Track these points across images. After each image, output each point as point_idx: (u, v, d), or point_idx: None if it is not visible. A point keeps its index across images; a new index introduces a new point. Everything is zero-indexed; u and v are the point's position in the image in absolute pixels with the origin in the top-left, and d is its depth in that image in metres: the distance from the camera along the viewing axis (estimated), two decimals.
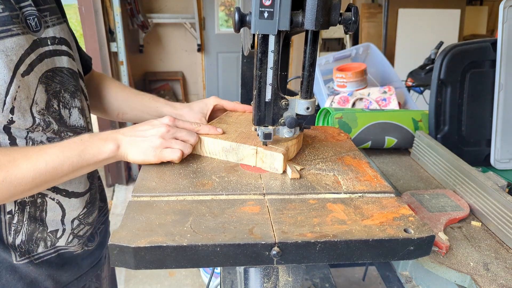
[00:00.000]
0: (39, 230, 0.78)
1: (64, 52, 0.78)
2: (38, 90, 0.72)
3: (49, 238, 0.81)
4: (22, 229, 0.76)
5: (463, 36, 3.62)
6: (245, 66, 0.89)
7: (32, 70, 0.70)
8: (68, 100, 0.79)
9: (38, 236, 0.79)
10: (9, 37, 0.66)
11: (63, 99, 0.78)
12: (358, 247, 0.54)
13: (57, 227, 0.81)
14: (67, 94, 0.79)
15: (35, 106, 0.71)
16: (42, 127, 0.73)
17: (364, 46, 1.99)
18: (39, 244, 0.79)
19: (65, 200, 0.81)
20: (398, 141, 1.20)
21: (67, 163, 0.67)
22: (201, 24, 4.26)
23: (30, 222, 0.77)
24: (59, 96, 0.77)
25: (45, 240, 0.80)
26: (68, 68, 0.79)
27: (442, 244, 0.73)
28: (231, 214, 0.59)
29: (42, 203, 0.77)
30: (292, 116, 0.67)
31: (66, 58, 0.79)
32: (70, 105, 0.80)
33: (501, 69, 1.09)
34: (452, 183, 0.96)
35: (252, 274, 0.69)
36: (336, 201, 0.64)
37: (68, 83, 0.79)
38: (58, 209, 0.80)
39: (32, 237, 0.78)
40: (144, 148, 0.70)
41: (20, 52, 0.68)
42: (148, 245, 0.51)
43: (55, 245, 0.82)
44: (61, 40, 0.78)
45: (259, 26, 0.59)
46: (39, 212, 0.78)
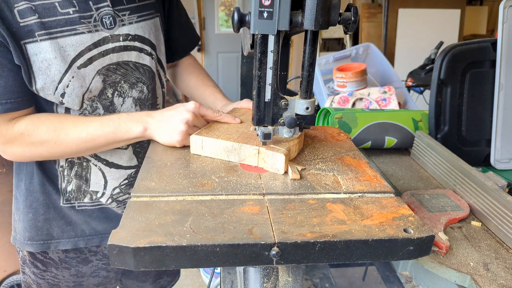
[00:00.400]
0: (83, 186, 0.94)
1: (135, 48, 0.89)
2: (94, 80, 0.84)
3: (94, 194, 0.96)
4: (72, 181, 0.93)
5: (463, 36, 3.61)
6: (245, 66, 0.89)
7: (90, 63, 0.82)
8: (125, 90, 0.90)
9: (85, 189, 0.95)
10: (72, 36, 0.78)
11: (120, 88, 0.89)
12: (358, 247, 0.54)
13: (98, 189, 0.96)
14: (126, 85, 0.90)
15: (88, 94, 0.84)
16: (88, 111, 0.86)
17: (364, 46, 1.99)
18: (86, 195, 0.95)
19: (106, 168, 0.94)
20: (398, 141, 1.20)
21: (102, 137, 0.81)
22: (201, 24, 4.26)
23: (76, 179, 0.93)
24: (117, 86, 0.88)
25: (91, 195, 0.96)
26: (135, 62, 0.90)
27: (442, 244, 0.73)
28: (231, 214, 0.59)
29: (87, 166, 0.93)
30: (292, 116, 0.67)
31: (135, 53, 0.89)
32: (125, 94, 0.90)
33: (501, 69, 1.09)
34: (452, 183, 0.96)
35: (252, 274, 0.69)
36: (335, 201, 0.64)
37: (130, 75, 0.90)
38: (100, 175, 0.94)
39: (80, 189, 0.95)
40: (169, 132, 0.78)
41: (80, 48, 0.80)
42: (148, 245, 0.51)
43: (99, 200, 0.97)
44: (135, 37, 0.88)
45: (259, 26, 0.59)
46: (84, 173, 0.93)
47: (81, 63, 0.80)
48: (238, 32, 0.63)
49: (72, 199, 0.95)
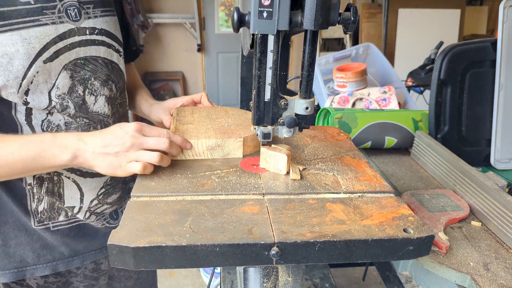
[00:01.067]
0: (57, 202, 0.85)
1: (103, 43, 0.84)
2: (61, 76, 0.77)
3: (69, 210, 0.87)
4: (44, 199, 0.84)
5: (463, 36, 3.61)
6: (245, 66, 0.89)
7: (57, 57, 0.75)
8: (97, 88, 0.83)
9: (58, 206, 0.86)
10: (35, 27, 0.72)
11: (91, 86, 0.82)
12: (358, 247, 0.54)
13: (74, 204, 0.87)
14: (97, 82, 0.83)
15: (55, 90, 0.77)
16: (58, 109, 0.78)
17: (364, 46, 1.99)
18: (61, 213, 0.86)
19: (81, 179, 0.86)
20: (398, 141, 1.20)
21: (20, 163, 0.69)
22: (201, 24, 4.26)
23: (48, 196, 0.84)
24: (87, 83, 0.81)
25: (65, 211, 0.87)
26: (104, 57, 0.84)
27: (442, 244, 0.73)
28: (230, 214, 0.59)
29: (59, 180, 0.84)
30: (291, 116, 0.67)
31: (104, 49, 0.84)
32: (98, 92, 0.84)
33: (501, 69, 1.09)
34: (452, 183, 0.96)
35: (252, 274, 0.69)
36: (335, 201, 0.64)
37: (101, 72, 0.84)
38: (75, 188, 0.86)
39: (53, 207, 0.85)
40: (109, 163, 0.68)
41: (45, 40, 0.73)
42: (148, 245, 0.51)
43: (75, 216, 0.88)
44: (101, 31, 0.83)
45: (258, 26, 0.58)
46: (56, 188, 0.84)
47: (47, 57, 0.74)
48: (238, 32, 0.63)
49: (45, 220, 0.86)
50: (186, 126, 0.81)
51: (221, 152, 0.76)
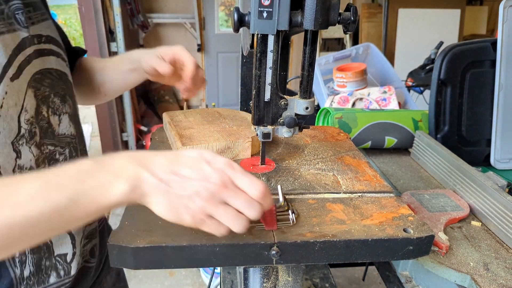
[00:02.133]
0: (45, 257, 0.67)
1: (52, 52, 0.70)
2: (27, 95, 0.61)
3: (60, 264, 0.70)
4: (27, 260, 0.65)
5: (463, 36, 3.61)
6: (245, 66, 0.89)
7: (21, 73, 0.60)
8: (58, 105, 0.69)
9: (47, 264, 0.67)
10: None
11: (52, 104, 0.67)
12: (358, 247, 0.54)
13: (67, 251, 0.70)
14: (56, 99, 0.69)
15: (24, 114, 0.60)
16: (26, 139, 0.61)
17: (364, 46, 2.00)
18: (50, 274, 0.68)
19: None
20: (398, 141, 1.20)
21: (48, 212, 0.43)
22: (201, 24, 4.26)
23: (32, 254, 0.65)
24: (48, 101, 0.67)
25: (56, 269, 0.69)
26: (56, 69, 0.70)
27: (442, 244, 0.73)
28: None
29: None
30: (291, 116, 0.67)
31: (54, 58, 0.70)
32: (60, 110, 0.69)
33: (501, 69, 1.09)
34: (452, 183, 0.96)
35: (252, 274, 0.69)
36: (335, 201, 0.64)
37: (58, 86, 0.70)
38: None
39: (41, 266, 0.67)
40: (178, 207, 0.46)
41: (8, 52, 0.58)
42: (148, 245, 0.51)
43: (69, 274, 0.71)
44: (48, 38, 0.69)
45: (258, 26, 0.58)
46: None
47: (13, 73, 0.58)
48: (238, 32, 0.63)
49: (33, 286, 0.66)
50: (188, 132, 0.79)
51: (231, 154, 0.76)
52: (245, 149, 0.77)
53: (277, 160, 0.77)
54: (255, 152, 0.79)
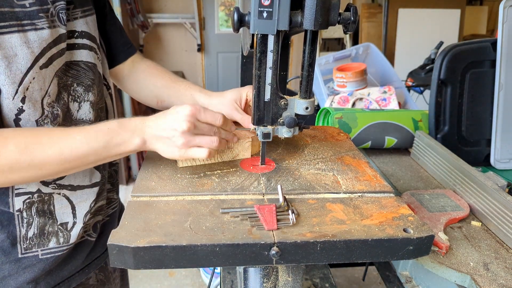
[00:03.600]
0: (49, 223, 0.78)
1: (84, 46, 0.79)
2: (52, 82, 0.73)
3: (61, 232, 0.80)
4: (33, 222, 0.77)
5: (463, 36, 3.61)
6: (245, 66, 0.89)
7: (51, 63, 0.71)
8: (80, 94, 0.79)
9: (49, 230, 0.79)
10: (32, 31, 0.68)
11: (74, 92, 0.78)
12: (358, 246, 0.54)
13: (67, 219, 0.81)
14: (80, 88, 0.79)
15: (46, 98, 0.72)
16: (50, 119, 0.74)
17: (364, 46, 1.99)
18: (51, 238, 0.79)
19: (71, 193, 0.81)
20: (398, 141, 1.20)
21: (92, 153, 0.67)
22: (201, 24, 4.26)
23: (38, 216, 0.77)
24: (70, 90, 0.77)
25: (57, 235, 0.80)
26: (86, 61, 0.80)
27: (442, 244, 0.73)
28: (230, 214, 0.59)
29: (50, 198, 0.78)
30: (291, 116, 0.67)
31: (86, 52, 0.79)
32: (81, 98, 0.80)
33: (501, 69, 1.09)
34: (452, 183, 0.96)
35: (252, 274, 0.69)
36: (335, 201, 0.64)
37: (84, 77, 0.79)
38: (65, 201, 0.80)
39: (44, 231, 0.78)
40: (169, 146, 0.67)
41: (43, 45, 0.69)
42: (148, 245, 0.51)
43: (68, 242, 0.81)
44: (82, 33, 0.78)
45: (258, 26, 0.58)
46: (46, 206, 0.78)
47: (43, 63, 0.70)
48: (238, 32, 0.63)
49: (33, 246, 0.78)
50: None
51: (231, 154, 0.76)
52: (245, 149, 0.77)
53: (277, 160, 0.77)
54: (255, 152, 0.79)
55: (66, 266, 0.83)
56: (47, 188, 0.76)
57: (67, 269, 0.83)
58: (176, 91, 0.97)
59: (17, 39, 0.66)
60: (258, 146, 0.80)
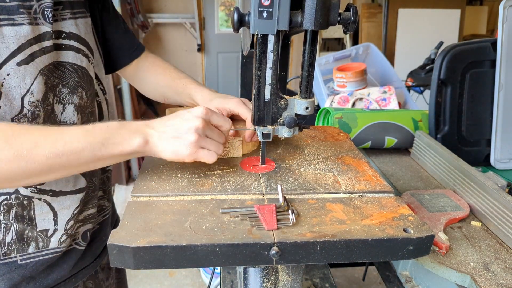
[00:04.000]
0: (28, 228, 0.75)
1: (71, 47, 0.77)
2: (36, 81, 0.70)
3: (40, 238, 0.77)
4: (12, 227, 0.74)
5: (463, 36, 3.61)
6: (245, 66, 0.89)
7: (32, 60, 0.69)
8: (65, 95, 0.76)
9: (28, 235, 0.76)
10: (10, 26, 0.65)
11: (59, 93, 0.76)
12: (358, 246, 0.54)
13: (48, 226, 0.78)
14: (64, 89, 0.76)
15: (28, 96, 0.69)
16: (28, 118, 0.70)
17: (364, 46, 2.00)
18: (30, 243, 0.76)
19: (53, 199, 0.77)
20: (398, 141, 1.20)
21: (87, 149, 0.61)
22: (201, 24, 4.26)
23: (17, 222, 0.74)
24: (55, 91, 0.75)
25: (36, 240, 0.77)
26: (72, 63, 0.77)
27: (442, 244, 0.73)
28: (230, 214, 0.59)
29: (29, 203, 0.75)
30: (291, 116, 0.67)
31: (72, 53, 0.77)
32: (66, 100, 0.77)
33: (501, 69, 1.09)
34: (452, 183, 0.96)
35: (252, 274, 0.69)
36: (335, 201, 0.64)
37: (69, 79, 0.77)
38: (46, 208, 0.77)
39: (23, 236, 0.75)
40: (177, 145, 0.64)
41: (21, 41, 0.67)
42: (148, 245, 0.51)
43: (48, 246, 0.78)
44: (70, 34, 0.76)
45: (258, 26, 0.58)
46: (26, 211, 0.75)
47: (22, 59, 0.67)
48: (238, 32, 0.63)
49: (12, 252, 0.75)
50: None
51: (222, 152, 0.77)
52: (235, 148, 0.77)
53: (277, 160, 0.77)
54: (247, 152, 0.80)
55: (50, 274, 0.81)
56: (26, 190, 0.73)
57: (52, 278, 0.81)
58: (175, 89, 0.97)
59: None
60: (251, 146, 0.81)
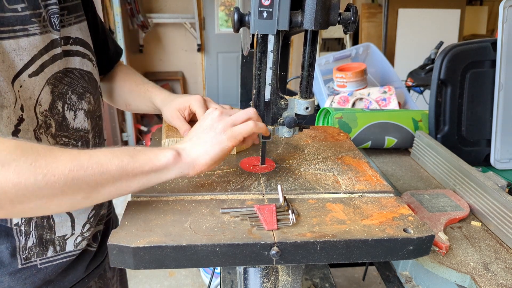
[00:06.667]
0: (47, 233, 0.76)
1: (78, 53, 0.76)
2: (43, 91, 0.69)
3: (57, 241, 0.78)
4: (31, 234, 0.74)
5: (463, 36, 3.61)
6: (245, 66, 0.89)
7: (42, 71, 0.67)
8: (74, 102, 0.76)
9: (47, 238, 0.76)
10: (24, 37, 0.63)
11: (69, 100, 0.75)
12: (358, 247, 0.54)
13: (66, 232, 0.78)
14: (74, 96, 0.76)
15: (38, 107, 0.68)
16: (44, 129, 0.70)
17: (364, 46, 1.99)
18: (49, 247, 0.77)
19: None
20: (398, 141, 1.20)
21: (115, 162, 0.54)
22: (201, 24, 4.26)
23: (37, 230, 0.74)
24: (65, 98, 0.74)
25: (54, 244, 0.78)
26: (79, 69, 0.77)
27: (442, 244, 0.73)
28: (230, 214, 0.59)
29: None
30: (291, 116, 0.67)
31: (78, 59, 0.76)
32: (76, 107, 0.76)
33: (501, 69, 1.09)
34: (452, 183, 0.96)
35: (252, 274, 0.69)
36: (335, 201, 0.64)
37: (77, 85, 0.76)
38: (65, 215, 0.77)
39: (42, 240, 0.76)
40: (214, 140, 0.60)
41: (33, 52, 0.65)
42: (148, 245, 0.51)
43: (64, 249, 0.79)
44: (76, 40, 0.76)
45: (258, 26, 0.59)
46: (46, 220, 0.75)
47: (33, 71, 0.66)
48: (238, 32, 0.63)
49: (32, 256, 0.76)
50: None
51: None
52: None
53: (277, 160, 0.77)
54: (241, 150, 0.80)
55: (66, 277, 0.82)
56: None
57: (68, 280, 0.82)
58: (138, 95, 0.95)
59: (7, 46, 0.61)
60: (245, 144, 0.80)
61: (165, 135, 0.76)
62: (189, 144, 0.61)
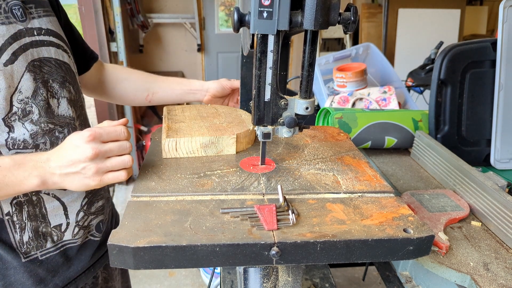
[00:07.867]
0: (42, 225, 0.79)
1: (52, 43, 0.79)
2: (24, 78, 0.72)
3: (54, 233, 0.81)
4: (26, 227, 0.77)
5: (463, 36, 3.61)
6: (245, 66, 0.89)
7: (16, 59, 0.71)
8: (57, 90, 0.79)
9: (43, 231, 0.79)
10: None
11: (51, 88, 0.78)
12: (358, 247, 0.54)
13: (61, 221, 0.81)
14: (55, 84, 0.78)
15: (17, 95, 0.71)
16: (19, 116, 0.72)
17: (364, 46, 1.99)
18: (47, 239, 0.80)
19: (61, 192, 0.79)
20: (398, 141, 1.20)
21: None
22: (201, 24, 4.26)
23: (30, 221, 0.77)
24: (48, 86, 0.77)
25: (51, 235, 0.80)
26: (55, 58, 0.79)
27: (442, 244, 0.73)
28: (230, 214, 0.59)
29: (39, 200, 0.77)
30: (291, 116, 0.67)
31: (53, 49, 0.79)
32: (58, 95, 0.79)
33: (501, 69, 1.09)
34: (452, 183, 0.96)
35: (252, 274, 0.69)
36: (335, 201, 0.64)
37: (56, 74, 0.79)
38: (57, 203, 0.79)
39: (38, 233, 0.78)
40: (81, 180, 0.64)
41: (0, 41, 0.69)
42: (148, 245, 0.51)
43: (62, 239, 0.82)
44: (48, 31, 0.78)
45: (258, 26, 0.58)
46: (38, 209, 0.77)
47: (6, 59, 0.69)
48: (238, 32, 0.63)
49: (32, 250, 0.78)
50: (178, 125, 0.82)
51: (215, 149, 0.77)
52: (229, 145, 0.77)
53: (277, 160, 0.77)
54: (241, 149, 0.80)
55: (71, 267, 0.85)
56: None
57: (73, 269, 0.85)
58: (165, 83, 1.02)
59: None
60: (246, 144, 0.81)
61: (165, 135, 0.76)
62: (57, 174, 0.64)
